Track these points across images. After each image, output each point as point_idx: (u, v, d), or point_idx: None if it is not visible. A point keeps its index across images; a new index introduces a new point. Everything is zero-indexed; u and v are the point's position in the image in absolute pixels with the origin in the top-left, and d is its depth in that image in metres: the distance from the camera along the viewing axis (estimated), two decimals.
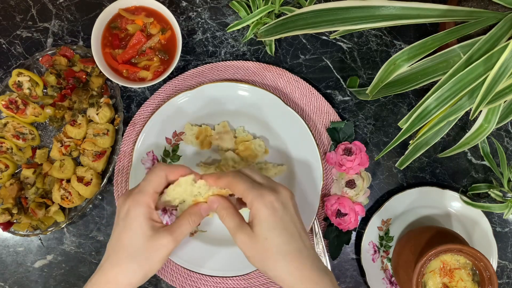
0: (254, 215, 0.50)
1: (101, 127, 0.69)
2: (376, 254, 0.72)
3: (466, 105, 0.52)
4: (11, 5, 0.76)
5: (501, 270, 0.73)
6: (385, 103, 0.75)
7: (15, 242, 0.73)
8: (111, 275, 0.50)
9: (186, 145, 0.72)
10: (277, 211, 0.50)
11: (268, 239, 0.49)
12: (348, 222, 0.68)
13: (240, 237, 0.50)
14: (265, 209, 0.49)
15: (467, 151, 0.74)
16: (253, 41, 0.75)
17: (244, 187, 0.51)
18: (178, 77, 0.73)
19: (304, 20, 0.52)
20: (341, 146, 0.69)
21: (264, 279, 0.70)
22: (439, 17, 0.52)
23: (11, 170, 0.70)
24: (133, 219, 0.50)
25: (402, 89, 0.56)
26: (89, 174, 0.68)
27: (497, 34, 0.50)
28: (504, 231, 0.74)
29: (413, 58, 0.53)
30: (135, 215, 0.50)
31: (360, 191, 0.69)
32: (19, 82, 0.70)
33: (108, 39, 0.71)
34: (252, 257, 0.50)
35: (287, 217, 0.51)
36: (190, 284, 0.71)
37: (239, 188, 0.51)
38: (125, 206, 0.51)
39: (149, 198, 0.51)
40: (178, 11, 0.76)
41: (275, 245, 0.49)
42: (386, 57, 0.75)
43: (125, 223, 0.50)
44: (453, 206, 0.72)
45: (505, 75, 0.47)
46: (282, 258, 0.49)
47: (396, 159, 0.73)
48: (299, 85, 0.73)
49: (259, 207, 0.50)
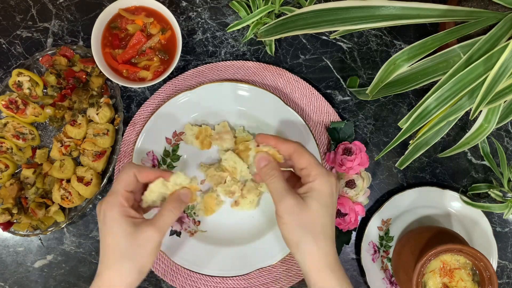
0: (314, 189, 0.50)
1: (101, 127, 0.69)
2: (376, 254, 0.72)
3: (466, 105, 0.52)
4: (11, 5, 0.76)
5: (501, 270, 0.73)
6: (385, 103, 0.75)
7: (15, 242, 0.73)
8: (106, 279, 0.50)
9: (186, 145, 0.72)
10: (333, 195, 0.51)
11: (319, 215, 0.49)
12: (348, 222, 0.68)
13: (288, 200, 0.50)
14: (328, 187, 0.50)
15: (467, 151, 0.74)
16: (253, 41, 0.75)
17: (312, 160, 0.51)
18: (178, 77, 0.73)
19: (304, 20, 0.52)
20: (341, 146, 0.69)
21: (264, 279, 0.70)
22: (439, 17, 0.52)
23: (11, 170, 0.70)
24: (110, 221, 0.50)
25: (402, 89, 0.56)
26: (89, 174, 0.68)
27: (497, 34, 0.50)
28: (504, 231, 0.74)
29: (413, 58, 0.53)
30: (112, 217, 0.50)
31: (360, 191, 0.69)
32: (19, 82, 0.70)
33: (108, 39, 0.71)
34: (291, 224, 0.50)
35: (335, 205, 0.52)
36: (190, 284, 0.71)
37: (306, 158, 0.51)
38: (101, 210, 0.51)
39: (121, 197, 0.51)
40: (178, 11, 0.76)
41: (322, 223, 0.50)
42: (386, 57, 0.75)
43: (105, 226, 0.51)
44: (453, 206, 0.72)
45: (505, 75, 0.47)
46: (324, 238, 0.50)
47: (396, 159, 0.73)
48: (299, 85, 0.73)
49: (323, 183, 0.50)
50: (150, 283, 0.73)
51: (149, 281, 0.73)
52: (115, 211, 0.51)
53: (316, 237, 0.49)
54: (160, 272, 0.71)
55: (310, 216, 0.49)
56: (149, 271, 0.72)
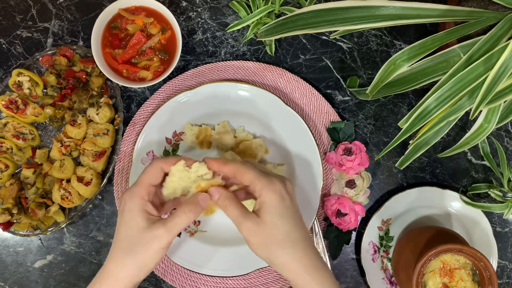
0: (263, 203, 0.50)
1: (101, 127, 0.69)
2: (376, 254, 0.72)
3: (466, 105, 0.52)
4: (11, 5, 0.76)
5: (501, 270, 0.73)
6: (385, 103, 0.75)
7: (15, 242, 0.73)
8: (109, 269, 0.50)
9: (186, 145, 0.72)
10: (285, 199, 0.51)
11: (277, 226, 0.49)
12: (348, 222, 0.68)
13: (246, 224, 0.50)
14: (275, 196, 0.50)
15: (467, 151, 0.74)
16: (253, 41, 0.75)
17: (253, 174, 0.51)
18: (178, 77, 0.73)
19: (304, 20, 0.52)
20: (341, 146, 0.69)
21: (264, 279, 0.70)
22: (439, 17, 0.52)
23: (11, 170, 0.70)
24: (128, 211, 0.50)
25: (402, 89, 0.56)
26: (89, 174, 0.68)
27: (497, 34, 0.50)
28: (504, 231, 0.74)
29: (413, 58, 0.53)
30: (130, 208, 0.50)
31: (360, 191, 0.69)
32: (19, 82, 0.70)
33: (108, 39, 0.71)
34: (257, 244, 0.50)
35: (293, 207, 0.52)
36: (190, 284, 0.71)
37: (248, 175, 0.51)
38: (122, 200, 0.52)
39: (144, 190, 0.51)
40: (178, 11, 0.76)
41: (283, 232, 0.49)
42: (386, 57, 0.75)
43: (122, 217, 0.51)
44: (453, 206, 0.72)
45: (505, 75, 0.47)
46: (290, 245, 0.49)
47: (396, 159, 0.73)
48: (299, 85, 0.73)
49: (269, 194, 0.50)
50: (150, 283, 0.73)
51: (149, 281, 0.73)
52: (135, 202, 0.50)
53: (283, 247, 0.49)
54: (160, 272, 0.71)
55: (269, 231, 0.49)
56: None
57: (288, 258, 0.49)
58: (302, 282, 0.49)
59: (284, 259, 0.49)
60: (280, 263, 0.50)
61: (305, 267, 0.49)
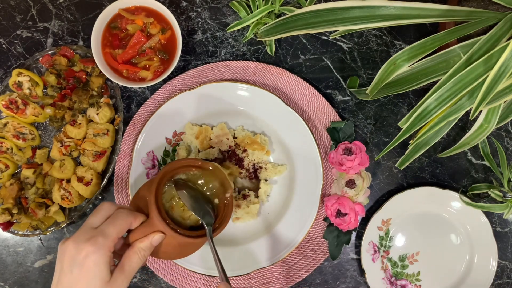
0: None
1: (101, 127, 0.69)
2: (376, 254, 0.72)
3: (466, 105, 0.52)
4: (11, 5, 0.76)
5: (501, 270, 0.73)
6: (385, 103, 0.75)
7: (15, 242, 0.73)
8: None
9: (186, 144, 0.72)
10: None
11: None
12: (348, 222, 0.68)
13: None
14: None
15: (467, 151, 0.74)
16: (253, 41, 0.75)
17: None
18: (178, 77, 0.73)
19: (304, 20, 0.52)
20: (341, 146, 0.69)
21: (264, 279, 0.70)
22: (439, 17, 0.52)
23: (11, 170, 0.70)
24: (94, 266, 0.46)
25: (402, 89, 0.56)
26: (89, 174, 0.68)
27: (497, 34, 0.50)
28: (504, 231, 0.74)
29: (413, 58, 0.53)
30: (97, 261, 0.46)
31: (360, 191, 0.69)
32: (19, 82, 0.70)
33: (108, 39, 0.71)
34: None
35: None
36: (190, 284, 0.71)
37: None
38: (82, 251, 0.46)
39: (112, 243, 0.48)
40: (178, 11, 0.76)
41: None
42: (386, 57, 0.75)
43: (81, 271, 0.46)
44: (453, 206, 0.72)
45: (505, 75, 0.47)
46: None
47: (396, 159, 0.73)
48: (299, 85, 0.73)
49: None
50: (150, 283, 0.73)
51: (149, 281, 0.72)
52: (102, 256, 0.46)
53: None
54: (160, 272, 0.71)
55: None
56: (150, 271, 0.72)
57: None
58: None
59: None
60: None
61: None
